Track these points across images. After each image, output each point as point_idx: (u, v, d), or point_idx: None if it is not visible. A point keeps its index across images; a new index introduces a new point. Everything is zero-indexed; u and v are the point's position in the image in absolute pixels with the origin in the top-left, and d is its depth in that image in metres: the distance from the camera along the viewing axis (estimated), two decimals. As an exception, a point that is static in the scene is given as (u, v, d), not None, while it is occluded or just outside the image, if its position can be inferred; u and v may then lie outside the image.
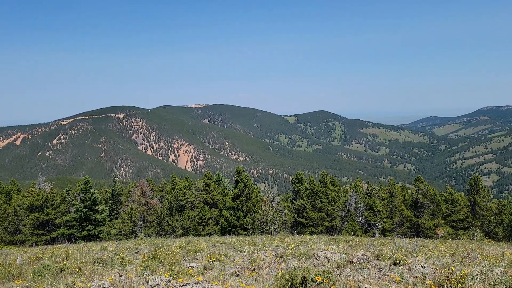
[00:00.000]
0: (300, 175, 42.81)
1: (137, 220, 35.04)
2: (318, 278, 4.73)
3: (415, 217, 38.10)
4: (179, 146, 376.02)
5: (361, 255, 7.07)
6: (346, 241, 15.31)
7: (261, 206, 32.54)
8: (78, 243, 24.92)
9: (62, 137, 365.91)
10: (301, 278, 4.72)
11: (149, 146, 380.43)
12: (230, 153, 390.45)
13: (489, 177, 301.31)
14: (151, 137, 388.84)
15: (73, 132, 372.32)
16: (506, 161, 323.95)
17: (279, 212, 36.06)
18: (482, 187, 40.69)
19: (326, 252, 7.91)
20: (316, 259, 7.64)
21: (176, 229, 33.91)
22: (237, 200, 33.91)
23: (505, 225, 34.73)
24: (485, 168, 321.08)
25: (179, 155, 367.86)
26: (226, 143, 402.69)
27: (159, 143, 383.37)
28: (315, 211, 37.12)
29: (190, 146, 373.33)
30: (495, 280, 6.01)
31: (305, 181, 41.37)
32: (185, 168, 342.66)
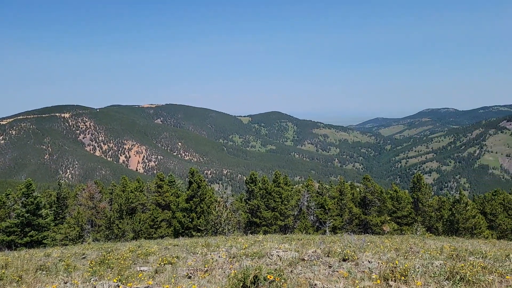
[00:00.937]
0: (254, 175, 43.09)
1: (85, 224, 33.52)
2: (270, 277, 4.80)
3: (364, 214, 39.72)
4: (130, 146, 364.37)
5: (312, 252, 7.26)
6: (298, 239, 15.63)
7: (215, 207, 32.34)
8: (19, 250, 23.37)
9: (1, 137, 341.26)
10: (253, 277, 4.76)
11: (98, 147, 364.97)
12: (183, 154, 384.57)
13: (430, 175, 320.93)
14: (100, 138, 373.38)
15: (13, 133, 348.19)
16: (445, 160, 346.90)
17: (233, 212, 36.06)
18: (424, 184, 43.26)
19: (278, 250, 8.04)
20: (269, 258, 7.74)
21: (126, 233, 32.83)
22: (191, 202, 33.48)
23: (445, 220, 37.13)
24: (426, 167, 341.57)
25: (130, 156, 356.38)
26: (180, 143, 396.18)
27: (109, 143, 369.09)
28: (269, 210, 37.54)
29: (142, 147, 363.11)
30: (435, 272, 6.42)
31: (259, 181, 41.71)
32: (137, 170, 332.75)
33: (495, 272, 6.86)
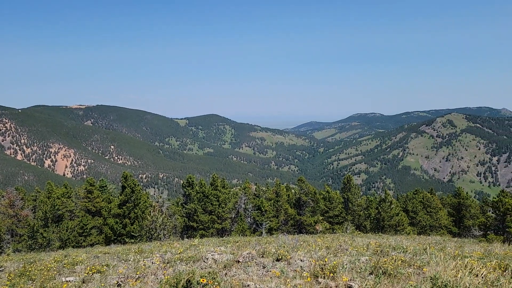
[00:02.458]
0: (191, 178, 42.47)
1: (4, 234, 30.67)
2: (203, 280, 4.78)
3: (298, 214, 40.96)
4: (56, 150, 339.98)
5: (247, 254, 7.35)
6: (235, 241, 15.72)
7: (150, 212, 31.37)
8: None
9: None
10: (186, 281, 4.71)
11: (20, 150, 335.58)
12: (116, 157, 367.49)
13: (359, 176, 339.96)
14: (22, 140, 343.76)
15: None
16: (373, 161, 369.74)
17: (170, 217, 35.24)
18: (354, 185, 45.75)
19: (214, 253, 8.03)
20: (204, 261, 7.70)
21: (52, 242, 30.58)
22: (124, 207, 32.14)
23: (372, 218, 39.51)
24: (356, 168, 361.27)
25: (56, 160, 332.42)
26: (112, 146, 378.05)
27: (32, 147, 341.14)
28: (206, 214, 37.22)
29: (70, 150, 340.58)
30: (361, 268, 6.84)
31: (196, 185, 41.20)
32: (64, 175, 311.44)
33: (413, 265, 7.47)
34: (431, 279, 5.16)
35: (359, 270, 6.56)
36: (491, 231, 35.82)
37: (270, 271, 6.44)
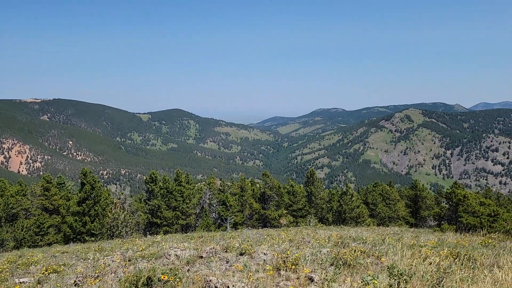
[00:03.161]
0: (154, 174, 41.68)
1: (-50, 236, 28.76)
2: (164, 277, 4.71)
3: (263, 209, 41.29)
4: (10, 146, 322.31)
5: (210, 249, 7.33)
6: (199, 237, 15.62)
7: (111, 209, 30.50)
8: None
9: None
10: (146, 278, 4.62)
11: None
12: (75, 153, 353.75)
13: (322, 170, 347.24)
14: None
15: None
16: (335, 155, 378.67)
17: (132, 214, 34.47)
18: (317, 179, 46.65)
19: (177, 250, 7.94)
20: (166, 258, 7.59)
21: (6, 242, 29.06)
22: (83, 204, 31.06)
23: (334, 211, 40.51)
24: (319, 162, 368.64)
25: (10, 157, 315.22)
26: (71, 142, 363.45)
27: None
28: (170, 210, 36.71)
29: (25, 146, 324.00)
30: (322, 259, 7.00)
31: (160, 180, 40.51)
32: (19, 172, 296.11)
33: (372, 255, 7.74)
34: (388, 269, 5.36)
35: (320, 262, 6.71)
36: (445, 221, 37.71)
37: (233, 265, 6.46)
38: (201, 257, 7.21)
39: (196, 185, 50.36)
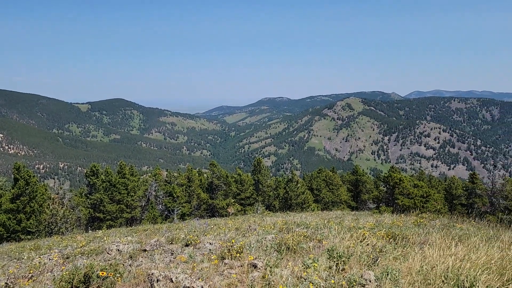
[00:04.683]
0: (95, 167, 39.89)
1: None
2: (103, 273, 4.55)
3: (211, 198, 41.22)
4: None
5: (154, 242, 7.19)
6: (144, 230, 15.27)
7: (49, 204, 28.86)
8: None
9: None
10: (84, 276, 4.43)
11: None
12: (7, 147, 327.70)
13: (269, 158, 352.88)
14: None
15: None
16: (281, 144, 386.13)
17: (72, 209, 32.87)
18: (264, 167, 47.32)
19: (119, 244, 7.69)
20: (108, 253, 7.34)
21: None
22: (17, 201, 29.00)
23: (280, 198, 41.45)
24: (266, 151, 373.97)
25: None
26: (1, 135, 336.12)
27: None
28: (114, 203, 35.43)
29: None
30: (267, 246, 7.15)
31: (102, 173, 38.87)
32: None
33: (314, 239, 8.04)
34: (328, 251, 5.61)
35: (265, 248, 6.86)
36: (383, 203, 40.06)
37: (178, 257, 6.41)
38: (145, 250, 7.07)
39: (141, 177, 48.93)
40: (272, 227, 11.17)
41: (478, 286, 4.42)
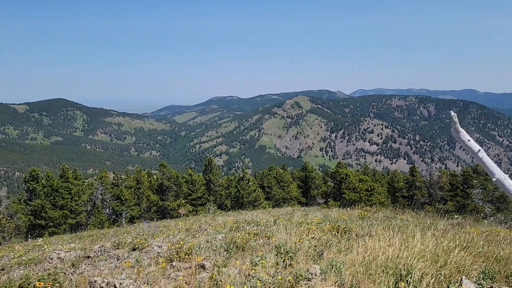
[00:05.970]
0: (35, 171, 37.49)
1: None
2: (40, 284, 4.29)
3: (161, 200, 40.35)
4: None
5: (99, 247, 6.91)
6: (90, 235, 14.63)
7: (-18, 214, 26.74)
8: None
9: None
10: (19, 288, 4.17)
11: None
12: None
13: (221, 158, 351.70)
14: None
15: None
16: (232, 142, 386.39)
17: (10, 217, 30.73)
18: (215, 166, 47.11)
19: (60, 252, 7.29)
20: (48, 262, 6.94)
21: None
22: None
23: (232, 196, 41.53)
24: (217, 150, 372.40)
25: None
26: None
27: None
28: (56, 209, 33.56)
29: None
30: (217, 245, 7.15)
31: (43, 178, 36.65)
32: None
33: (264, 236, 8.16)
34: (275, 248, 5.73)
35: (215, 248, 6.85)
36: (331, 198, 41.47)
37: (124, 262, 6.22)
38: (89, 257, 6.77)
39: (86, 180, 46.74)
40: (223, 226, 11.18)
41: (414, 274, 4.72)
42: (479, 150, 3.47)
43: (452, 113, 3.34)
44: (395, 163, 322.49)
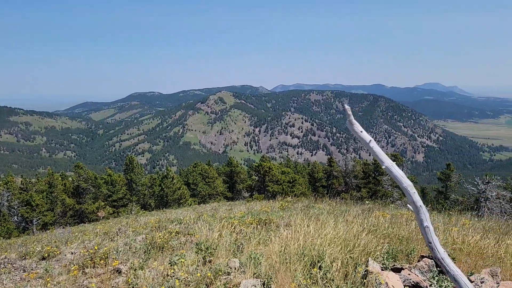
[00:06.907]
0: None
1: None
2: None
3: (78, 203, 37.88)
4: None
5: (2, 259, 6.27)
6: (-7, 248, 13.21)
7: None
8: None
9: None
10: None
11: None
12: None
13: (143, 156, 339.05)
14: None
15: None
16: (155, 140, 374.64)
17: None
18: (137, 165, 45.36)
19: (-46, 270, 6.49)
20: None
21: None
22: None
23: (156, 195, 40.41)
24: (139, 148, 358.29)
25: None
26: None
27: None
28: (-49, 222, 29.75)
29: None
30: (136, 247, 6.94)
31: None
32: None
33: (186, 234, 8.11)
34: (196, 245, 5.73)
35: (134, 250, 6.65)
36: (256, 191, 42.35)
37: (33, 272, 5.74)
38: (-11, 271, 6.13)
39: (-11, 186, 42.04)
40: (145, 227, 10.85)
41: (325, 259, 5.06)
42: (370, 140, 3.82)
43: (346, 106, 3.62)
44: (315, 154, 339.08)
